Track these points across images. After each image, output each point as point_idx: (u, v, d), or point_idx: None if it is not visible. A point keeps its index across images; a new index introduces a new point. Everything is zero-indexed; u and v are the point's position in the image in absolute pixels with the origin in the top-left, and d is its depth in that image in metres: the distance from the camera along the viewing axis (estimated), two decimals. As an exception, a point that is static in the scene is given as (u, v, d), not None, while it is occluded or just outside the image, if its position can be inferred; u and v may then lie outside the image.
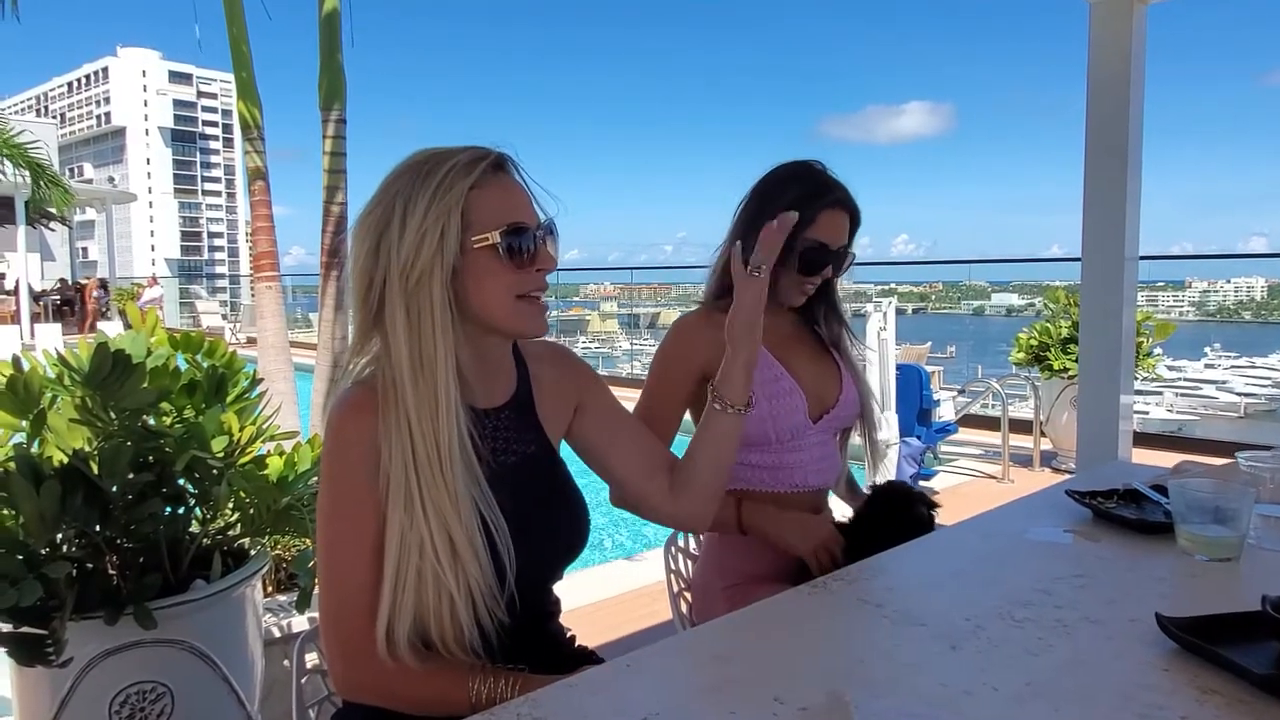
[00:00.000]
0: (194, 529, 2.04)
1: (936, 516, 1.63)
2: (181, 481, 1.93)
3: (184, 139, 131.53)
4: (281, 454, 2.15)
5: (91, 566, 1.82)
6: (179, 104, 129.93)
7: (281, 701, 2.14)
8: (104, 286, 18.91)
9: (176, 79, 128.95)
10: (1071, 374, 5.87)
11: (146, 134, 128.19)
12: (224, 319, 21.12)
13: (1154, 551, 1.34)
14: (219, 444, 1.97)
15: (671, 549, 1.92)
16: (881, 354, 4.86)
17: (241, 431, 2.04)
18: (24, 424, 1.88)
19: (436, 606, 1.05)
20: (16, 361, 1.94)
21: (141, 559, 1.89)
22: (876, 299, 5.42)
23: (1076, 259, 2.89)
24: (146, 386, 1.89)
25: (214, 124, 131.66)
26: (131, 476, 1.79)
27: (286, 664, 2.28)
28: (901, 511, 1.58)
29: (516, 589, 1.10)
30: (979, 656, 0.99)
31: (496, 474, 1.13)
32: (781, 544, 1.61)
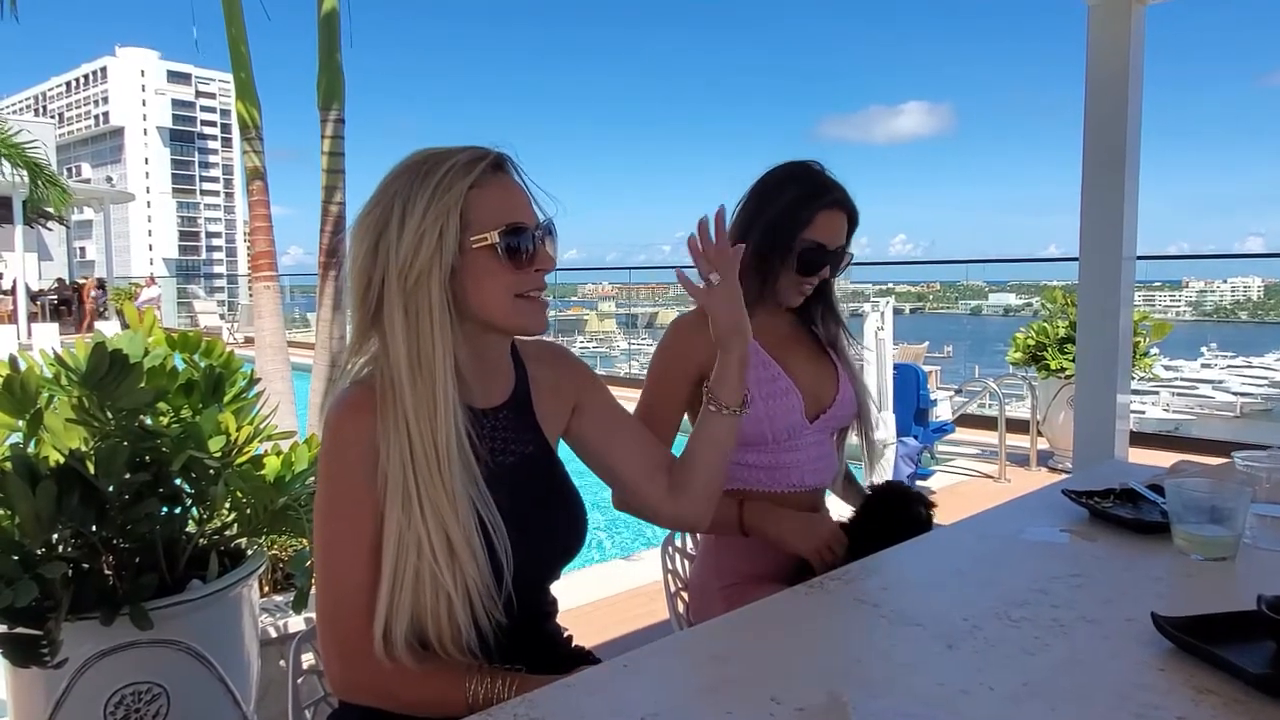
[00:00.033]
0: (190, 529, 2.03)
1: (934, 517, 1.63)
2: (178, 481, 1.93)
3: (182, 139, 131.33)
4: (279, 454, 2.15)
5: (87, 567, 1.81)
6: (177, 104, 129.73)
7: (278, 702, 2.14)
8: (102, 286, 18.88)
9: (175, 79, 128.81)
10: (1068, 374, 5.88)
11: (145, 134, 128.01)
12: (222, 319, 21.10)
13: (1150, 551, 1.34)
14: (216, 444, 1.97)
15: (669, 549, 1.92)
16: (879, 354, 4.87)
17: (239, 431, 2.04)
18: (20, 424, 1.88)
19: (434, 606, 1.05)
20: (13, 361, 1.93)
21: (138, 559, 1.88)
22: (874, 299, 5.43)
23: (1074, 259, 2.89)
24: (143, 386, 1.89)
25: (212, 124, 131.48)
26: (128, 476, 1.79)
27: (283, 664, 2.27)
28: (899, 512, 1.59)
29: (514, 589, 1.10)
30: (976, 656, 0.99)
31: (494, 474, 1.13)
32: (784, 545, 1.61)
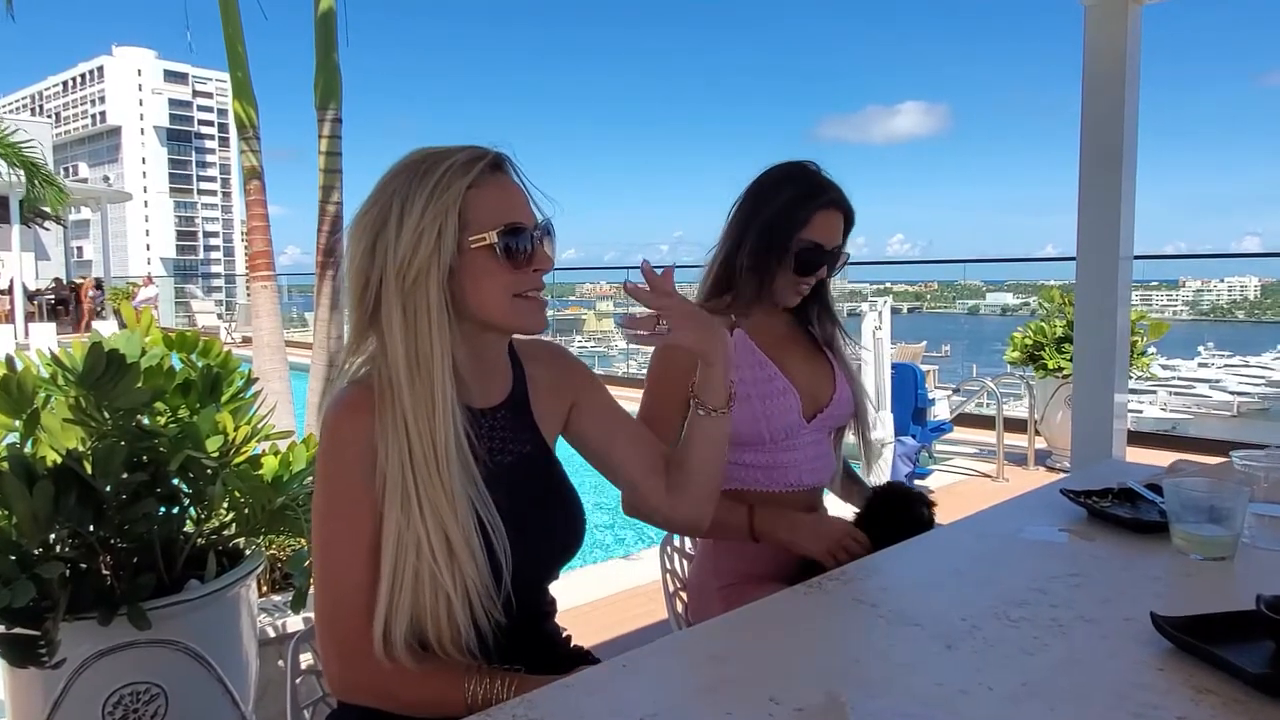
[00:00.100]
0: (188, 529, 2.03)
1: (935, 516, 1.63)
2: (176, 481, 1.93)
3: (179, 138, 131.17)
4: (276, 454, 2.14)
5: (85, 567, 1.81)
6: (174, 103, 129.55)
7: (276, 702, 2.13)
8: (99, 286, 18.87)
9: (172, 78, 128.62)
10: (1066, 373, 5.89)
11: (142, 133, 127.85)
12: (219, 318, 21.08)
13: (1149, 551, 1.34)
14: (214, 444, 1.96)
15: (667, 549, 1.92)
16: (877, 353, 4.88)
17: (236, 431, 2.03)
18: (17, 424, 1.87)
19: (433, 607, 1.05)
20: (10, 361, 1.93)
21: (135, 559, 1.88)
22: (872, 298, 5.44)
23: (1071, 258, 2.90)
24: (141, 386, 1.88)
25: (210, 123, 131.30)
26: (125, 476, 1.79)
27: (281, 664, 2.27)
28: (901, 513, 1.59)
29: (512, 589, 1.10)
30: (974, 656, 0.99)
31: (493, 474, 1.13)
32: (796, 548, 1.60)
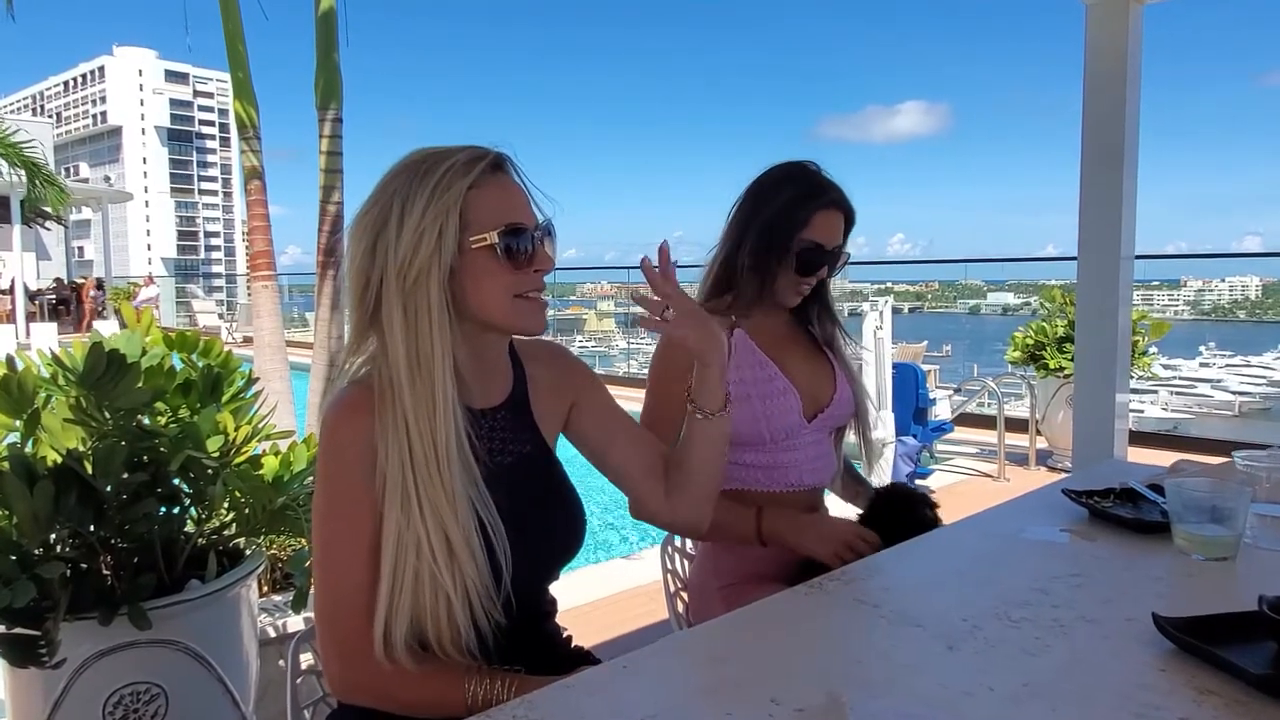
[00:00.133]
0: (189, 529, 2.03)
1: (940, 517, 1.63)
2: (176, 481, 1.93)
3: (180, 138, 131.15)
4: (277, 454, 2.14)
5: (86, 567, 1.81)
6: (175, 103, 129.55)
7: (276, 702, 2.13)
8: (100, 286, 18.88)
9: (173, 78, 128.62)
10: (1067, 373, 5.88)
11: (143, 133, 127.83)
12: (220, 318, 21.09)
13: (1151, 551, 1.34)
14: (214, 444, 1.96)
15: (668, 549, 1.92)
16: (878, 353, 4.87)
17: (237, 431, 2.03)
18: (18, 424, 1.87)
19: (433, 607, 1.04)
20: (11, 361, 1.93)
21: (136, 559, 1.88)
22: (873, 298, 5.43)
23: (1072, 258, 2.89)
24: (141, 386, 1.88)
25: (210, 123, 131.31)
26: (126, 476, 1.79)
27: (281, 664, 2.27)
28: (905, 514, 1.58)
29: (513, 589, 1.10)
30: (976, 657, 0.99)
31: (493, 474, 1.13)
32: (803, 551, 1.59)
